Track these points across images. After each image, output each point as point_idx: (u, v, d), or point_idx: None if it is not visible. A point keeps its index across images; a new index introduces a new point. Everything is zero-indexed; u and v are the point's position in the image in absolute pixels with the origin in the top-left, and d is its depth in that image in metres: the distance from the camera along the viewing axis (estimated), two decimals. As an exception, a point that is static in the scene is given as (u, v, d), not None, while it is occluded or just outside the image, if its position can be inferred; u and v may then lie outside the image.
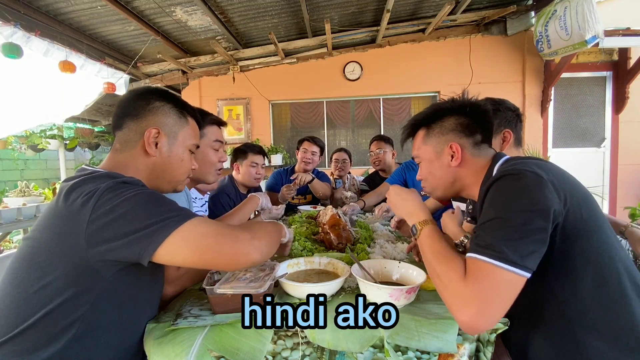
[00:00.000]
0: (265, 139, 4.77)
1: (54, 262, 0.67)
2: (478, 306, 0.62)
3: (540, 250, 0.67)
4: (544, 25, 3.62)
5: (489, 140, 0.92)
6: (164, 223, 0.67)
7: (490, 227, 0.69)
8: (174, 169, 0.88)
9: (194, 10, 3.25)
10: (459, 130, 0.89)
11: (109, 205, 0.66)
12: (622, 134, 4.31)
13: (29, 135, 4.34)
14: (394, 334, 0.73)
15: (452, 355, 0.69)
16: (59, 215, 0.69)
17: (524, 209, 0.67)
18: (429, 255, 0.78)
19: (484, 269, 0.65)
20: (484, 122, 0.90)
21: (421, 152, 0.96)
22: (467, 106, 0.89)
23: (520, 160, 0.80)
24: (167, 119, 0.87)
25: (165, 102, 0.88)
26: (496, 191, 0.73)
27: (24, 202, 3.01)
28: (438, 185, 0.94)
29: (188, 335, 0.75)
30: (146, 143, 0.82)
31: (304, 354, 0.72)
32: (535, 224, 0.66)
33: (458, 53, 4.43)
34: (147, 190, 0.74)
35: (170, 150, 0.87)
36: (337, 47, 4.55)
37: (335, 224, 1.42)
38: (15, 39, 2.56)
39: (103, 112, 5.53)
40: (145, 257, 0.66)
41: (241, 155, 2.16)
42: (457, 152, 0.88)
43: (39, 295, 0.67)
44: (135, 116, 0.84)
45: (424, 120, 0.95)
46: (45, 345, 0.67)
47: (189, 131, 0.91)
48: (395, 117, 4.75)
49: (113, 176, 0.74)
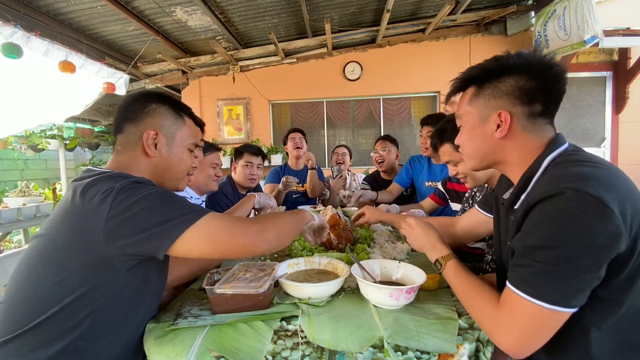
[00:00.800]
0: (265, 139, 4.77)
1: (71, 258, 0.70)
2: (517, 337, 0.62)
3: (592, 286, 0.60)
4: (543, 25, 3.62)
5: (550, 114, 0.75)
6: (181, 219, 0.71)
7: (535, 258, 0.61)
8: (174, 168, 0.92)
9: (194, 10, 3.25)
10: (515, 95, 0.73)
11: (126, 202, 0.70)
12: (622, 134, 4.31)
13: (29, 135, 4.34)
14: (394, 334, 0.73)
15: (451, 355, 0.69)
16: (75, 213, 0.72)
17: (578, 243, 0.57)
18: (459, 291, 0.79)
19: (521, 305, 0.62)
20: (550, 90, 0.72)
21: (464, 114, 0.82)
22: (535, 64, 0.71)
23: (582, 168, 0.64)
24: (164, 121, 0.89)
25: (161, 104, 0.90)
26: (548, 214, 0.61)
27: (24, 202, 3.01)
28: (474, 155, 0.83)
29: (188, 335, 0.75)
30: (145, 145, 0.86)
31: (303, 354, 0.72)
32: (590, 260, 0.57)
33: (458, 53, 4.43)
34: (160, 189, 0.78)
35: (170, 151, 0.90)
36: (337, 47, 4.55)
37: (335, 224, 1.42)
38: (15, 39, 2.56)
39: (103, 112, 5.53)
40: (161, 251, 0.70)
41: (238, 155, 2.16)
42: (504, 123, 0.73)
43: (55, 290, 0.70)
44: (134, 119, 0.88)
45: (477, 76, 0.79)
46: (58, 339, 0.69)
47: (186, 131, 0.94)
48: (395, 117, 4.75)
49: (125, 176, 0.78)
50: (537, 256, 0.61)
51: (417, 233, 0.98)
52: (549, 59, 0.72)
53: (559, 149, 0.72)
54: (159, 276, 0.86)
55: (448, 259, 0.86)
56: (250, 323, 0.78)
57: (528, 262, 0.62)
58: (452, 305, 0.85)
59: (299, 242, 1.36)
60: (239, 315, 0.80)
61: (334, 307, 0.87)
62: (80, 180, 0.77)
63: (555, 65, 0.71)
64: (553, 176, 0.65)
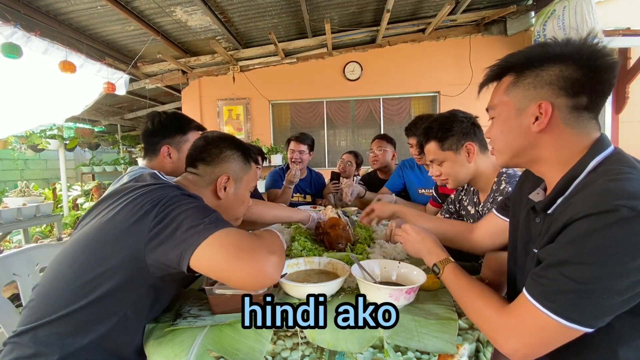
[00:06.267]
0: (265, 139, 4.77)
1: (116, 253, 0.72)
2: (520, 344, 0.61)
3: (621, 310, 0.55)
4: (543, 25, 3.62)
5: (597, 109, 0.67)
6: (203, 227, 0.71)
7: (564, 273, 0.56)
8: (236, 208, 1.02)
9: (194, 10, 3.25)
10: (559, 85, 0.65)
11: (168, 210, 0.73)
12: (622, 134, 4.30)
13: (29, 135, 4.35)
14: (394, 334, 0.73)
15: (451, 356, 0.69)
16: (129, 213, 0.75)
17: (619, 264, 0.52)
18: (459, 294, 0.78)
19: (534, 315, 0.59)
20: (600, 82, 0.64)
21: (498, 105, 0.74)
22: (585, 53, 0.64)
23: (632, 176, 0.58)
24: (235, 166, 0.99)
25: (235, 150, 1.00)
26: (593, 229, 0.54)
27: (24, 202, 3.01)
28: (505, 150, 0.75)
29: (187, 336, 0.75)
30: (218, 188, 0.95)
31: (303, 354, 0.72)
32: (626, 284, 0.53)
33: (458, 53, 4.43)
34: (203, 203, 0.82)
35: (236, 193, 0.99)
36: (337, 47, 4.55)
37: (335, 224, 1.42)
38: (15, 39, 2.56)
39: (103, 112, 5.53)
40: (184, 262, 0.69)
41: None
42: (545, 115, 0.66)
43: (93, 283, 0.71)
44: (209, 162, 0.97)
45: (517, 64, 0.71)
46: (86, 331, 0.70)
47: (252, 175, 1.04)
48: (395, 117, 4.75)
49: (180, 188, 0.83)
50: (567, 271, 0.56)
51: (413, 238, 0.96)
52: (600, 47, 0.64)
53: (605, 151, 0.66)
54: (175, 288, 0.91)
55: (446, 263, 0.85)
56: (250, 323, 0.78)
57: (556, 275, 0.57)
58: (452, 306, 0.85)
59: (299, 243, 1.36)
60: (238, 316, 0.80)
61: (333, 307, 0.87)
62: (145, 184, 0.83)
63: (608, 54, 0.64)
64: (605, 189, 0.57)
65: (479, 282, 0.78)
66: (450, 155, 1.27)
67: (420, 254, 0.94)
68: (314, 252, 1.29)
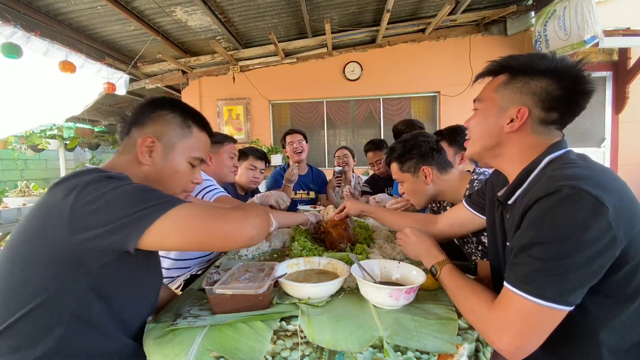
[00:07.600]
0: (265, 139, 4.77)
1: (37, 256, 0.66)
2: (511, 337, 0.62)
3: (589, 283, 0.60)
4: (543, 25, 3.62)
5: (563, 124, 0.76)
6: (151, 209, 0.66)
7: (531, 255, 0.62)
8: (166, 180, 0.85)
9: (194, 10, 3.25)
10: (540, 97, 0.72)
11: (92, 195, 0.65)
12: (622, 134, 4.30)
13: (29, 135, 4.35)
14: (394, 334, 0.73)
15: (451, 356, 0.69)
16: (42, 208, 0.69)
17: (574, 238, 0.58)
18: (455, 292, 0.80)
19: (516, 303, 0.62)
20: (574, 104, 0.72)
21: (485, 99, 0.81)
22: (571, 75, 0.70)
23: (578, 169, 0.65)
24: (167, 129, 0.85)
25: (170, 111, 0.86)
26: (545, 211, 0.62)
27: (24, 202, 3.01)
28: (478, 140, 0.83)
29: (187, 336, 0.75)
30: (139, 151, 0.81)
31: (303, 354, 0.72)
32: (586, 255, 0.58)
33: (458, 53, 4.43)
34: (135, 183, 0.73)
35: (165, 161, 0.84)
36: (337, 47, 4.55)
37: (336, 224, 1.42)
38: (15, 39, 2.56)
39: (103, 112, 5.53)
40: (130, 243, 0.65)
41: (242, 156, 2.19)
42: (520, 119, 0.74)
43: (23, 290, 0.66)
44: (140, 124, 0.85)
45: (514, 66, 0.77)
46: (35, 342, 0.66)
47: (192, 143, 0.88)
48: (395, 117, 4.74)
49: (99, 171, 0.73)
50: (533, 252, 0.61)
51: (412, 241, 1.01)
52: (586, 74, 0.71)
53: (560, 151, 0.73)
54: (149, 275, 0.83)
55: (443, 264, 0.88)
56: (250, 323, 0.78)
57: (525, 259, 0.63)
58: (451, 306, 0.85)
59: (299, 242, 1.36)
60: (238, 316, 0.80)
61: (333, 307, 0.87)
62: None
63: (589, 82, 0.71)
64: (551, 176, 0.66)
65: (474, 281, 0.79)
66: (409, 177, 1.34)
67: (419, 257, 0.98)
68: (314, 252, 1.29)
